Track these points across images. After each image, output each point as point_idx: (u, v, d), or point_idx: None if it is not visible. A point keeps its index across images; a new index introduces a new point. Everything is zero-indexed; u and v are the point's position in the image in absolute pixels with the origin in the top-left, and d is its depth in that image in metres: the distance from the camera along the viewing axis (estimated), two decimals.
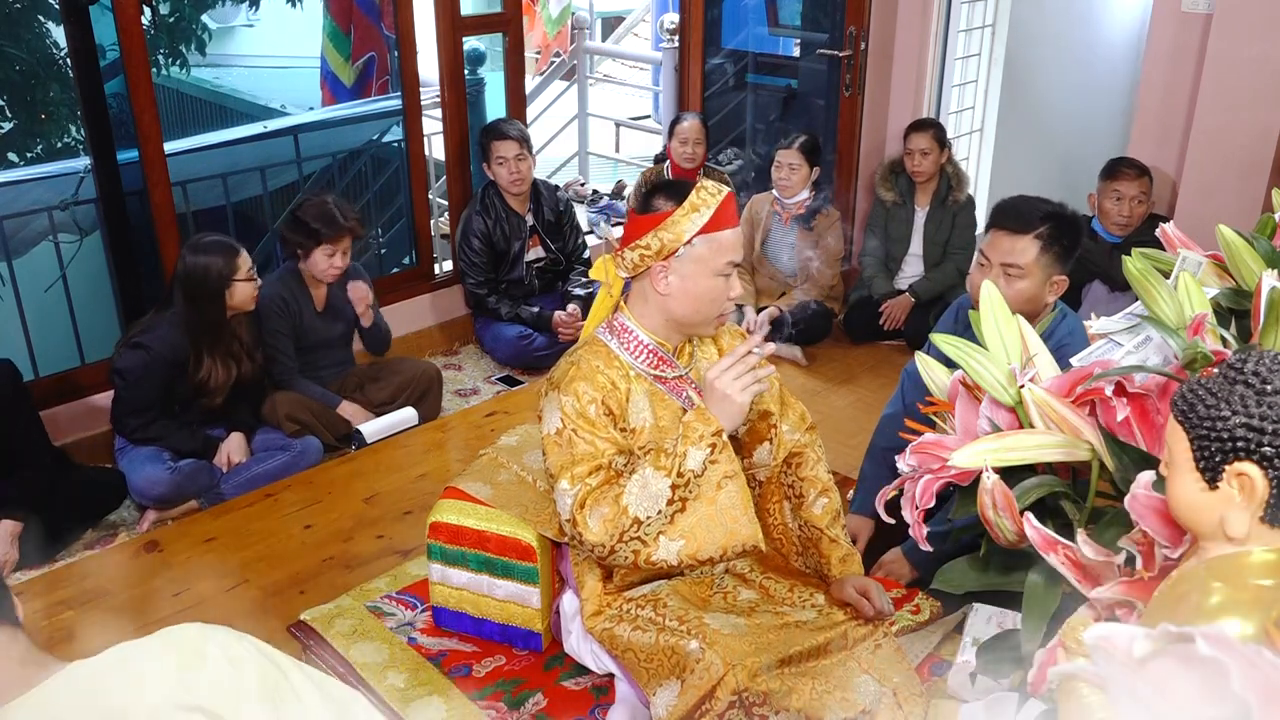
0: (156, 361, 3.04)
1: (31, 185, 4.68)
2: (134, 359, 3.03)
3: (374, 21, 5.75)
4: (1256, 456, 1.04)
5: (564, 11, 5.82)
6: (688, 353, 1.97)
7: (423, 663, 2.12)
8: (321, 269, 3.38)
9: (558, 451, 1.81)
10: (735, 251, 1.84)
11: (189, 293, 3.04)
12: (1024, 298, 2.25)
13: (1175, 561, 1.18)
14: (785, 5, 5.21)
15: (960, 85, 4.92)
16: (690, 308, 1.86)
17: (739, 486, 1.78)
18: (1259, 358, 1.07)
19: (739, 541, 1.78)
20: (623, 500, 1.74)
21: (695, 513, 1.75)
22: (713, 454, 1.76)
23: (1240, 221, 1.95)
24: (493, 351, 4.20)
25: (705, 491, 1.75)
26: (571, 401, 1.80)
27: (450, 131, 4.29)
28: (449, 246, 4.50)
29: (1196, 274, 1.71)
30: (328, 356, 3.59)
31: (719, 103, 5.39)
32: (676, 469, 1.75)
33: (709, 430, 1.76)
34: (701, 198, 1.80)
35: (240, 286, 3.08)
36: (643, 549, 1.75)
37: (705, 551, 1.76)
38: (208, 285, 3.04)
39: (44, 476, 2.96)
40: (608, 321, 1.94)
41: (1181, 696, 0.86)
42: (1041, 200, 2.32)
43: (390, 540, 2.86)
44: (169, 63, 6.24)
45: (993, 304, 1.53)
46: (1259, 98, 3.47)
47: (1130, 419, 1.41)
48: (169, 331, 3.06)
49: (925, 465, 1.48)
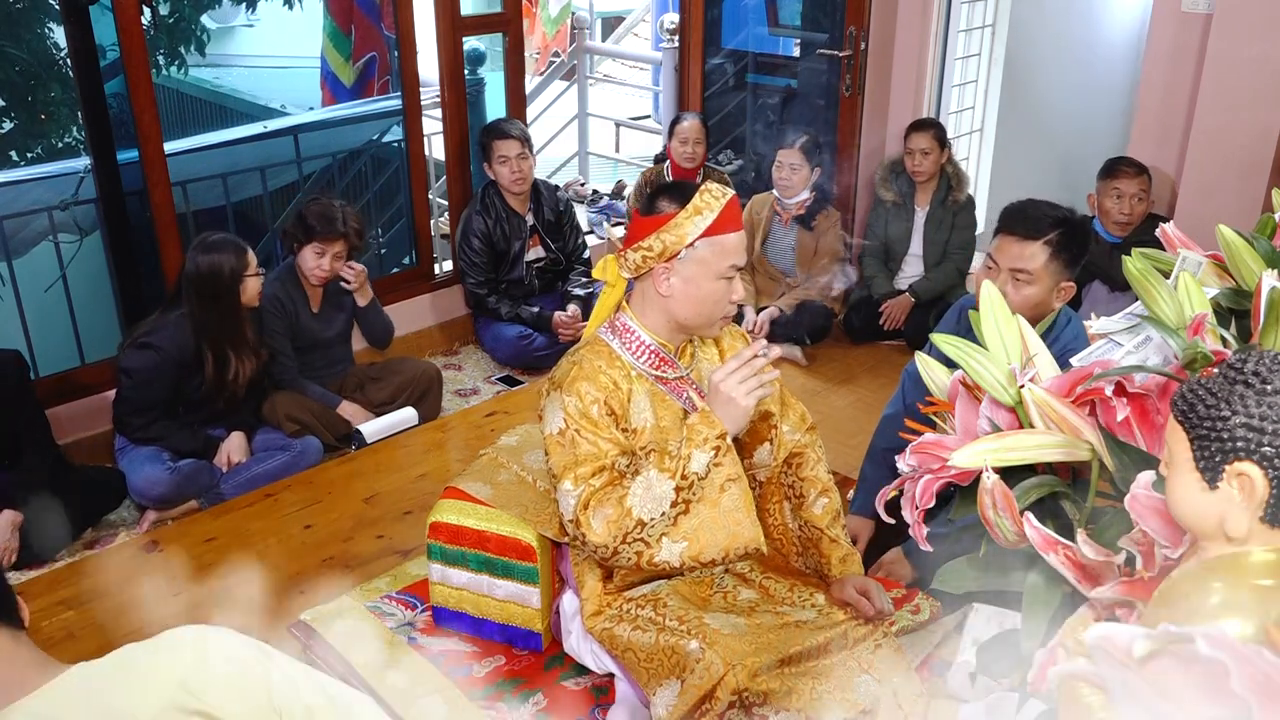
0: (166, 362, 3.05)
1: (31, 185, 4.68)
2: (143, 359, 3.04)
3: (374, 22, 5.75)
4: (1256, 456, 1.04)
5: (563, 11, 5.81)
6: (689, 354, 1.97)
7: (423, 663, 2.12)
8: (309, 267, 3.39)
9: (560, 452, 1.81)
10: (738, 255, 1.84)
11: (202, 292, 3.05)
12: (1031, 303, 2.24)
13: (1175, 561, 1.18)
14: (785, 5, 5.21)
15: (960, 85, 4.92)
16: (692, 310, 1.86)
17: (742, 489, 1.78)
18: (1259, 358, 1.07)
19: (741, 544, 1.78)
20: (627, 502, 1.75)
21: (698, 515, 1.75)
22: (716, 457, 1.76)
23: (1240, 221, 1.95)
24: (493, 351, 4.20)
25: (708, 494, 1.76)
26: (574, 401, 1.80)
27: (450, 131, 4.29)
28: (449, 246, 4.50)
29: (1196, 274, 1.71)
30: (325, 356, 3.59)
31: (719, 103, 5.39)
32: (681, 471, 1.75)
33: (713, 433, 1.76)
34: (705, 200, 1.80)
35: (251, 282, 3.10)
36: (646, 550, 1.75)
37: (707, 553, 1.76)
38: (221, 282, 3.05)
39: (46, 469, 2.97)
40: (610, 321, 1.94)
41: (1181, 696, 0.86)
42: (1050, 205, 2.31)
43: (390, 540, 2.86)
44: (169, 63, 6.25)
45: (993, 304, 1.53)
46: (1259, 98, 3.47)
47: (1130, 419, 1.41)
48: (176, 332, 3.06)
49: (925, 465, 1.48)
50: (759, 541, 1.79)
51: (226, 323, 3.09)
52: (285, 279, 3.44)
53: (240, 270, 3.06)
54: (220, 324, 3.08)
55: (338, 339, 3.61)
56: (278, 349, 3.40)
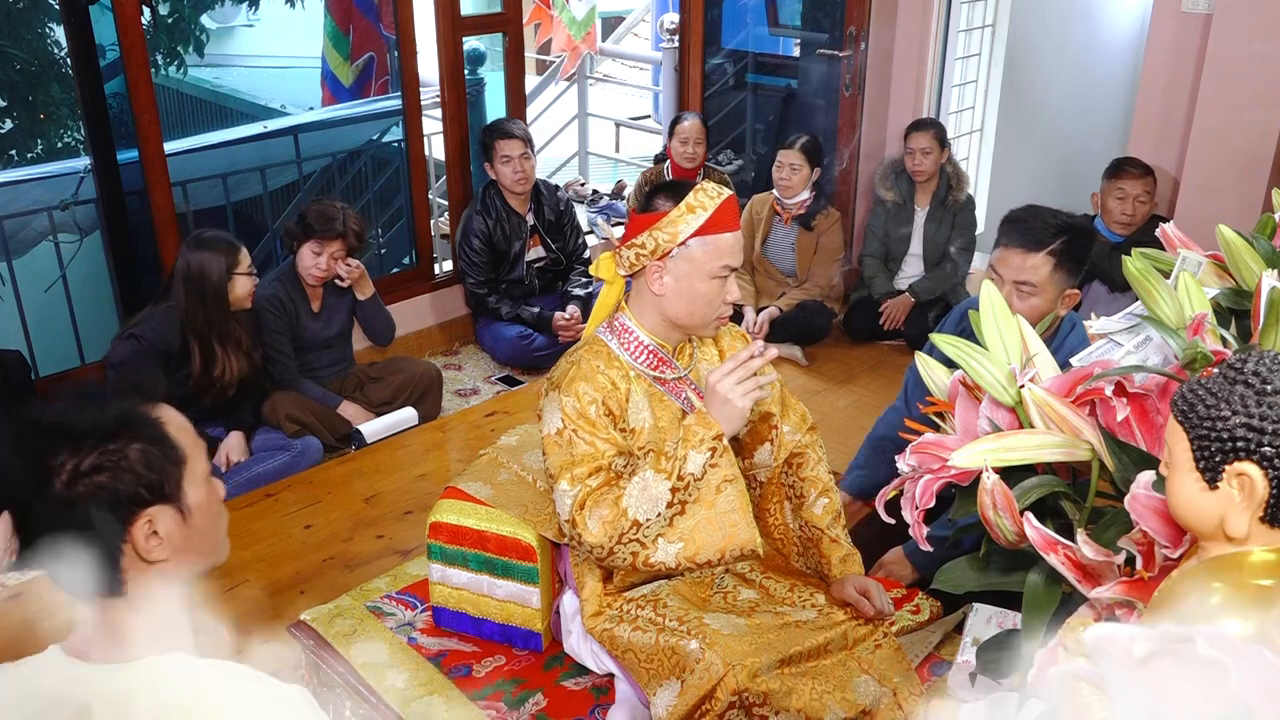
0: (148, 351, 3.06)
1: (31, 185, 4.68)
2: (125, 349, 3.07)
3: (374, 22, 5.75)
4: (1256, 456, 1.04)
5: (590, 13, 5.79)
6: (688, 354, 1.97)
7: (423, 663, 2.12)
8: (306, 265, 3.40)
9: (558, 452, 1.81)
10: (732, 255, 1.82)
11: (191, 287, 3.06)
12: (1037, 314, 2.18)
13: (1175, 561, 1.18)
14: (785, 5, 5.21)
15: (960, 85, 4.92)
16: (684, 309, 1.85)
17: (738, 491, 1.78)
18: (1259, 358, 1.07)
19: (737, 545, 1.78)
20: (622, 502, 1.74)
21: (694, 516, 1.75)
22: (713, 458, 1.75)
23: (1240, 221, 1.95)
24: (493, 351, 4.20)
25: (704, 495, 1.75)
26: (572, 402, 1.80)
27: (450, 131, 4.29)
28: (449, 246, 4.50)
29: (1196, 274, 1.71)
30: (326, 357, 3.59)
31: (719, 103, 5.39)
32: (676, 472, 1.74)
33: (709, 434, 1.75)
34: (699, 199, 1.79)
35: (240, 280, 3.11)
36: (641, 551, 1.75)
37: (703, 554, 1.76)
38: (210, 280, 3.06)
39: None
40: (609, 321, 1.94)
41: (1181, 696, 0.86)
42: (1051, 213, 2.25)
43: (390, 540, 2.86)
44: (169, 63, 6.25)
45: (993, 304, 1.53)
46: (1259, 98, 3.47)
47: (1130, 419, 1.41)
48: (161, 324, 3.08)
49: (925, 465, 1.48)
50: (755, 543, 1.79)
51: (214, 319, 3.11)
52: (285, 279, 3.44)
53: (231, 268, 3.08)
54: (208, 320, 3.10)
55: (338, 338, 3.62)
56: (278, 349, 3.40)
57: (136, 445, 1.05)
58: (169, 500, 1.07)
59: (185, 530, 1.09)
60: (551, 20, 5.74)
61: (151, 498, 1.06)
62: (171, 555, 1.08)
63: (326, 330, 3.55)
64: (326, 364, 3.60)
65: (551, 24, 5.75)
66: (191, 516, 1.10)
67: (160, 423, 1.08)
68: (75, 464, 1.02)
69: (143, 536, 1.06)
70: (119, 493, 1.04)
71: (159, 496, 1.06)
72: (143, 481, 1.05)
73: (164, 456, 1.07)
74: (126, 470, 1.04)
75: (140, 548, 1.06)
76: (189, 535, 1.10)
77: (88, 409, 1.04)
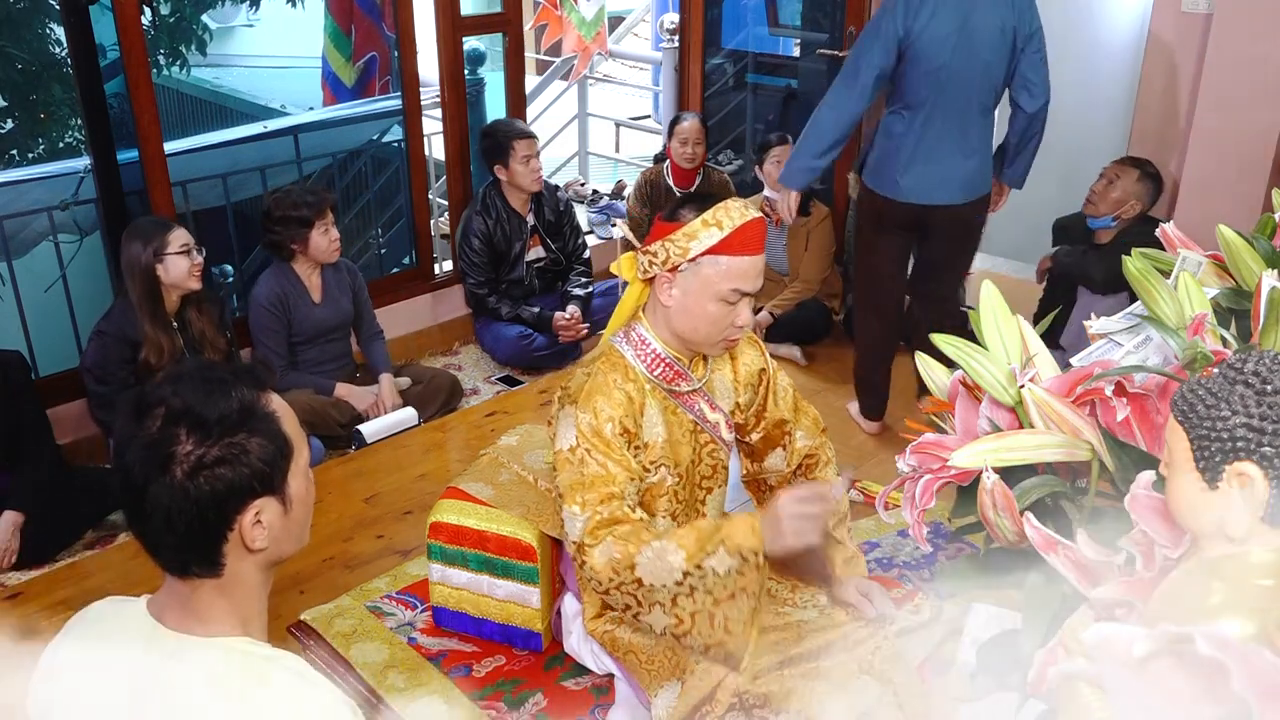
0: (111, 345, 3.07)
1: (31, 185, 4.68)
2: (92, 350, 3.10)
3: (375, 21, 5.74)
4: (1256, 456, 1.04)
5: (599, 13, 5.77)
6: (703, 366, 1.93)
7: (423, 663, 2.12)
8: (323, 248, 3.43)
9: (569, 470, 1.76)
10: (744, 280, 1.74)
11: (130, 276, 3.06)
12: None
13: (1175, 561, 1.18)
14: (785, 5, 5.21)
15: None
16: (688, 325, 1.80)
17: (750, 606, 1.68)
18: (1259, 358, 1.07)
19: (725, 651, 1.69)
20: (636, 559, 1.67)
21: (697, 603, 1.67)
22: (741, 567, 1.66)
23: (1240, 221, 1.95)
24: (493, 352, 4.20)
25: (716, 591, 1.67)
26: (589, 419, 1.75)
27: (450, 131, 4.29)
28: (449, 246, 4.50)
29: (1196, 274, 1.71)
30: (330, 350, 3.61)
31: (719, 103, 5.39)
32: (700, 560, 1.65)
33: (749, 547, 1.65)
34: (718, 216, 1.73)
35: (174, 260, 3.05)
36: (635, 607, 1.69)
37: (691, 640, 1.69)
38: (139, 265, 3.05)
39: (47, 470, 2.98)
40: (625, 331, 1.89)
41: (1181, 696, 0.86)
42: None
43: (390, 540, 2.86)
44: (169, 63, 6.24)
45: (993, 304, 1.53)
46: (1259, 98, 3.47)
47: (1130, 419, 1.41)
48: (119, 316, 3.09)
49: (925, 465, 1.48)
50: (741, 662, 1.70)
51: (145, 305, 3.07)
52: (281, 275, 3.46)
53: (159, 251, 3.04)
54: (149, 307, 3.07)
55: (339, 328, 3.62)
56: (269, 347, 3.44)
57: (256, 439, 1.07)
58: (275, 492, 1.10)
59: (285, 521, 1.12)
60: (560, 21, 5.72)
61: (262, 490, 1.08)
62: (270, 544, 1.11)
63: (331, 317, 3.56)
64: (330, 357, 3.62)
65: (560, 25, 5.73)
66: (292, 508, 1.13)
67: (276, 416, 1.10)
68: (200, 454, 1.04)
69: (249, 525, 1.08)
70: (235, 484, 1.06)
71: (268, 488, 1.09)
72: (257, 475, 1.07)
73: (277, 450, 1.09)
74: (245, 464, 1.06)
75: (246, 536, 1.08)
76: (287, 525, 1.13)
77: (214, 397, 1.06)
